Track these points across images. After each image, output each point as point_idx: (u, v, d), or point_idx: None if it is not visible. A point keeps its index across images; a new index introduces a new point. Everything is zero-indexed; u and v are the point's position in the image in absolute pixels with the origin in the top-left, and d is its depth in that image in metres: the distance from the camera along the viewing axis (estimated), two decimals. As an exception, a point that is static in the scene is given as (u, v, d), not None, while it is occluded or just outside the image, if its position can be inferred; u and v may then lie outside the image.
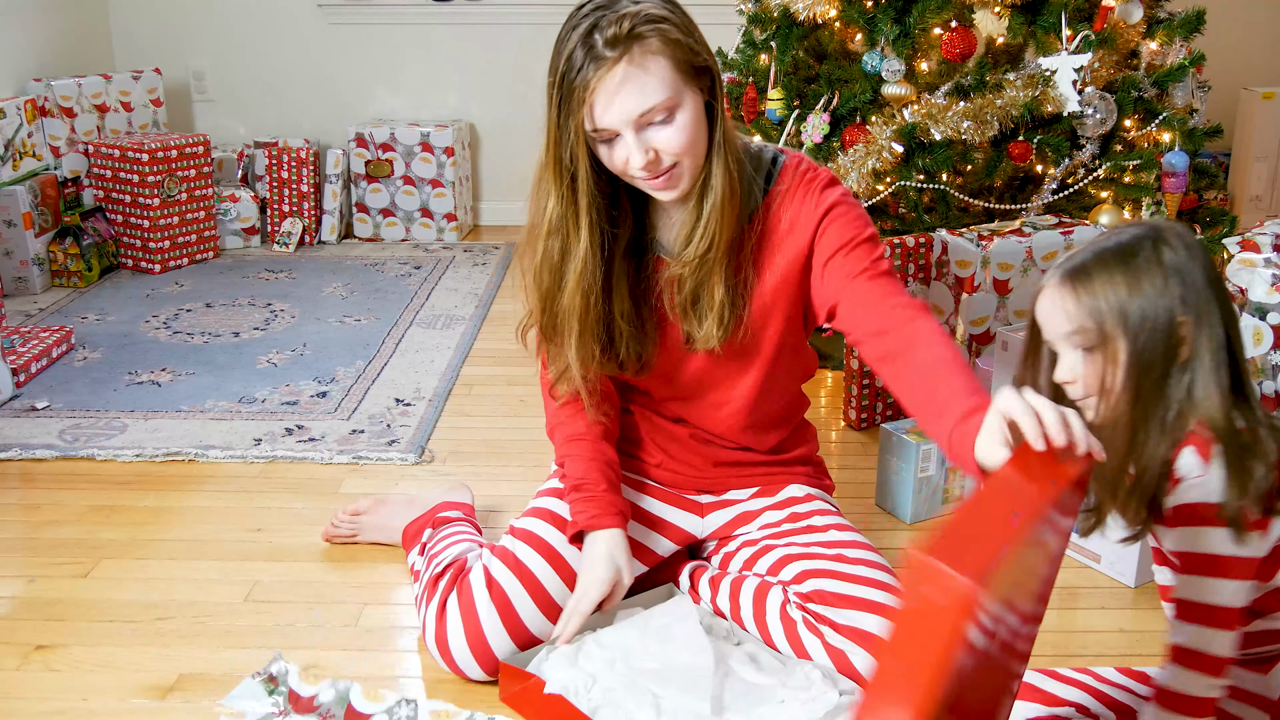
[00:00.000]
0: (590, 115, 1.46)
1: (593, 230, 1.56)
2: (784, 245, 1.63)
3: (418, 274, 3.97)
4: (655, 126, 1.47)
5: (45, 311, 3.52)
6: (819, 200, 1.61)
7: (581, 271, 1.57)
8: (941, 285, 2.46)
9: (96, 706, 1.66)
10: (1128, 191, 2.87)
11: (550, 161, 1.53)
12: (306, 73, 4.62)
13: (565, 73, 1.46)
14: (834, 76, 2.90)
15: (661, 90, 1.45)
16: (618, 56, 1.42)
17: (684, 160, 1.51)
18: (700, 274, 1.59)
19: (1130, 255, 1.33)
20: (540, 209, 1.58)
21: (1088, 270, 1.34)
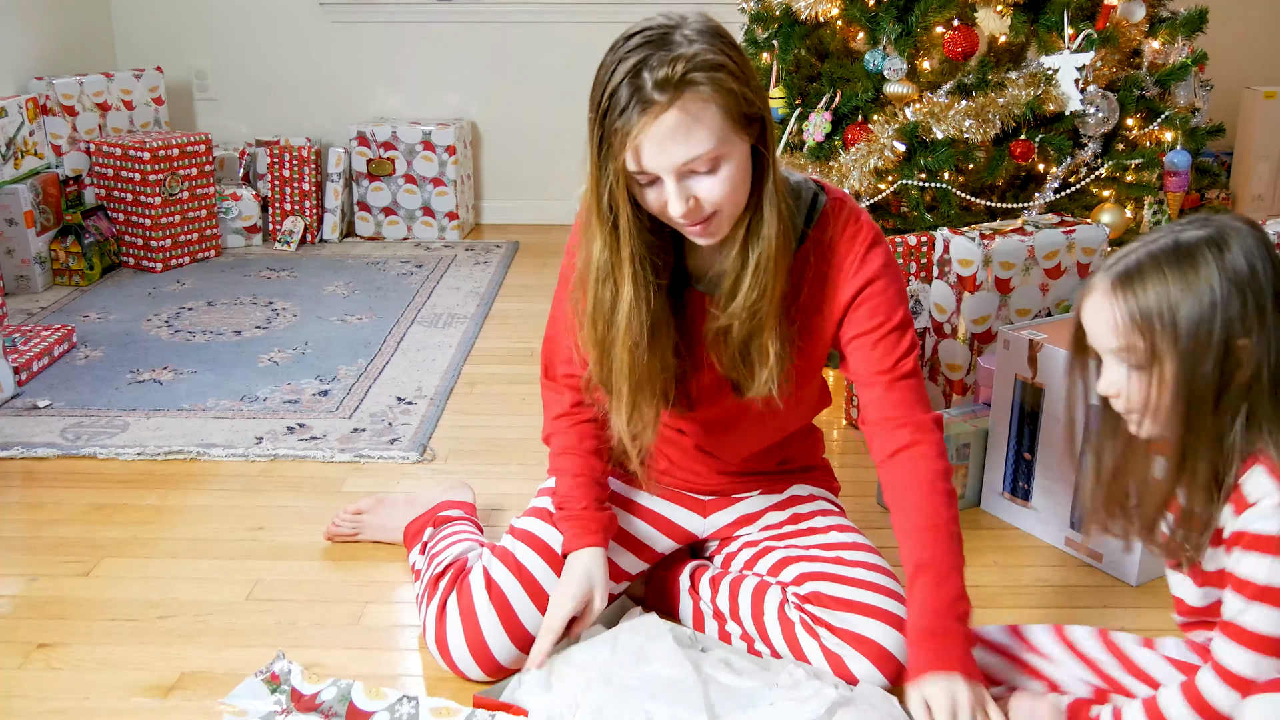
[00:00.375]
0: (634, 158, 1.37)
1: (636, 282, 1.47)
2: (822, 296, 1.58)
3: (419, 272, 3.97)
4: (698, 176, 1.39)
5: (47, 310, 3.52)
6: (861, 265, 1.56)
7: (628, 326, 1.49)
8: (943, 284, 2.46)
9: (98, 705, 1.66)
10: (1130, 190, 2.87)
11: (594, 204, 1.44)
12: (308, 71, 4.62)
13: (608, 111, 1.36)
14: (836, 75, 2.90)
15: (709, 140, 1.36)
16: (667, 103, 1.33)
17: (725, 209, 1.43)
18: (751, 325, 1.51)
19: (1188, 260, 1.24)
20: (588, 251, 1.50)
21: (1140, 276, 1.26)
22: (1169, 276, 1.25)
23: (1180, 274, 1.24)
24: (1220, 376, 1.24)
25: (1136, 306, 1.26)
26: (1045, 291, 2.46)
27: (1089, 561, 2.03)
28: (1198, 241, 1.25)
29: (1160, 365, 1.26)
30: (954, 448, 2.19)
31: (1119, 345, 1.29)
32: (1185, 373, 1.25)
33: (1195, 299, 1.23)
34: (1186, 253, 1.25)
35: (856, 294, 1.56)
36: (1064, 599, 1.94)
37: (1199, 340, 1.23)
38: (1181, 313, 1.24)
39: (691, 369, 1.62)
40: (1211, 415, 1.26)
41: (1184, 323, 1.24)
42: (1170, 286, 1.24)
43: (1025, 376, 2.10)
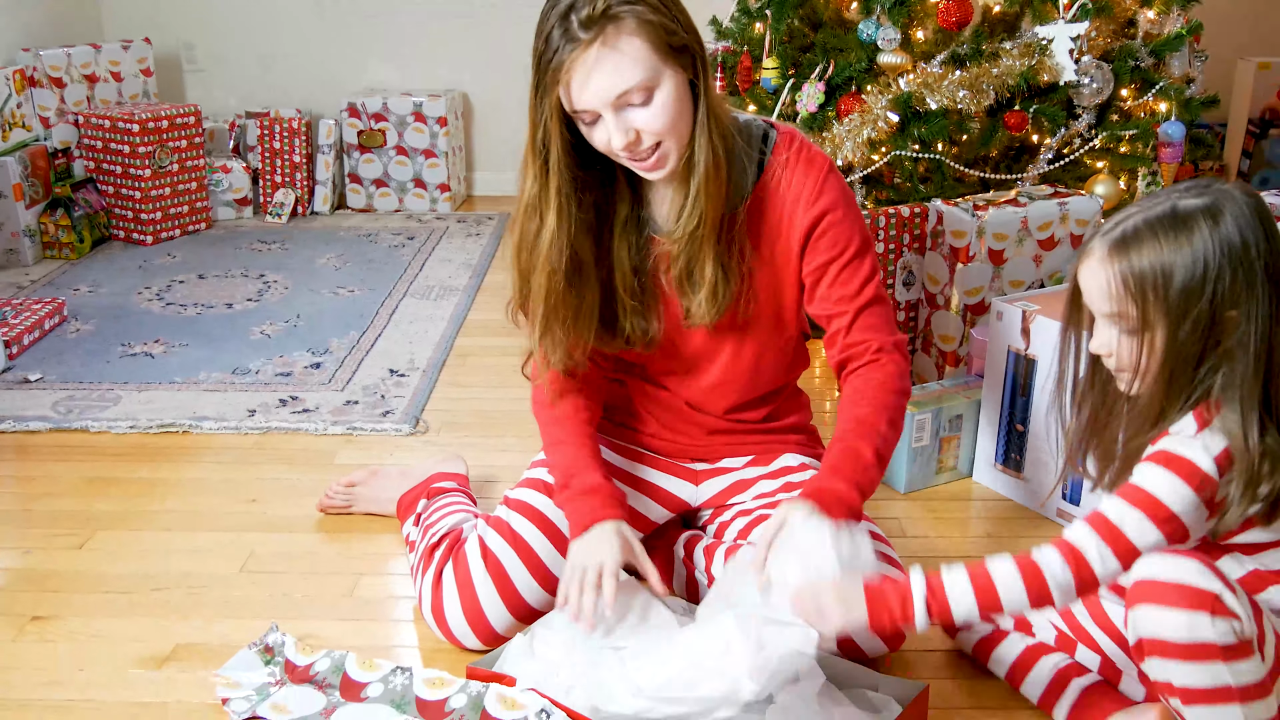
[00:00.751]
0: (568, 96, 1.46)
1: (560, 214, 1.55)
2: (780, 226, 1.63)
3: (411, 245, 3.95)
4: (634, 108, 1.46)
5: (37, 283, 3.51)
6: (818, 192, 1.61)
7: (548, 254, 1.56)
8: (936, 255, 2.46)
9: (93, 677, 1.66)
10: (1124, 161, 2.86)
11: (530, 141, 1.54)
12: (298, 42, 4.59)
13: (542, 52, 1.45)
14: (829, 45, 2.88)
15: (637, 71, 1.44)
16: (592, 38, 1.41)
17: (667, 140, 1.50)
18: (691, 249, 1.58)
19: (1183, 229, 1.26)
20: (521, 188, 1.59)
21: (1136, 243, 1.28)
22: (1163, 244, 1.26)
23: (1175, 242, 1.26)
24: (1205, 344, 1.27)
25: (1130, 273, 1.28)
26: (1039, 263, 2.45)
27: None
28: (1194, 210, 1.26)
29: (1151, 331, 1.29)
30: (946, 419, 2.19)
31: (1112, 310, 1.31)
32: (1173, 340, 1.28)
33: (1188, 268, 1.25)
34: (1182, 221, 1.26)
35: (815, 222, 1.61)
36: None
37: (1189, 309, 1.26)
38: (1174, 281, 1.26)
39: (652, 309, 1.67)
40: (1190, 377, 1.29)
41: (1175, 291, 1.26)
42: (1164, 254, 1.26)
43: (1018, 348, 2.10)
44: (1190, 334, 1.26)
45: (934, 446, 2.20)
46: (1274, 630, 1.28)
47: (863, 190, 2.77)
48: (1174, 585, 1.23)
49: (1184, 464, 1.28)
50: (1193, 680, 1.25)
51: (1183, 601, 1.23)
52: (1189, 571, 1.24)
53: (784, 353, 1.78)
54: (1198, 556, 1.25)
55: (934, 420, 2.18)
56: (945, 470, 2.24)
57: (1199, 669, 1.24)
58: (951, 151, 2.77)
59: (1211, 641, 1.22)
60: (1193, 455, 1.28)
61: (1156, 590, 1.24)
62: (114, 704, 1.61)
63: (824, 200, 1.61)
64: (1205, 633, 1.22)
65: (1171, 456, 1.29)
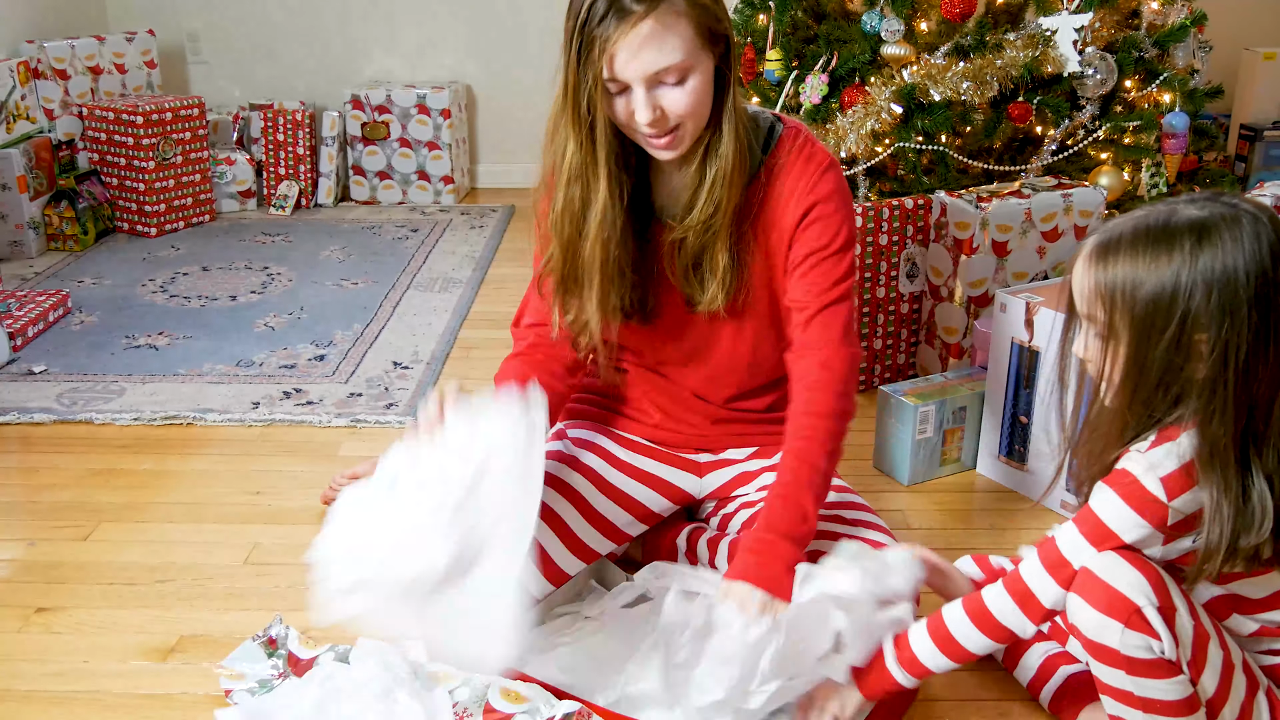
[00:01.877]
0: (609, 66, 1.45)
1: (610, 180, 1.55)
2: (776, 216, 1.64)
3: (415, 237, 3.95)
4: (666, 86, 1.47)
5: (41, 275, 3.51)
6: (814, 184, 1.62)
7: (602, 221, 1.56)
8: (940, 247, 2.46)
9: (97, 668, 1.67)
10: (1128, 153, 2.86)
11: (569, 108, 1.52)
12: (301, 34, 4.58)
13: (586, 20, 1.44)
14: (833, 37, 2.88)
15: (679, 51, 1.45)
16: (644, 12, 1.42)
17: (687, 123, 1.51)
18: (704, 238, 1.59)
19: (1165, 243, 1.22)
20: (559, 155, 1.57)
21: (1116, 250, 1.25)
22: (1141, 255, 1.23)
23: (1153, 255, 1.22)
24: (1168, 365, 1.23)
25: (1104, 278, 1.26)
26: (1042, 254, 2.45)
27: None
28: (1183, 224, 1.22)
29: (1116, 340, 1.26)
30: (950, 411, 2.19)
31: (1086, 311, 1.30)
32: (1136, 353, 1.25)
33: (1158, 284, 1.21)
34: (1167, 234, 1.22)
35: (806, 212, 1.62)
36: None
37: (1154, 325, 1.22)
38: (1141, 294, 1.22)
39: (652, 291, 1.67)
40: (1150, 395, 1.26)
41: (1141, 305, 1.22)
42: (1138, 267, 1.23)
43: (1022, 340, 2.10)
44: (1154, 350, 1.23)
45: (938, 438, 2.20)
46: (1222, 661, 1.28)
47: (866, 182, 2.77)
48: (1102, 585, 1.25)
49: (1129, 485, 1.27)
50: (1099, 674, 1.28)
51: (1101, 603, 1.24)
52: (1123, 578, 1.24)
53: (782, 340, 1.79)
54: (1145, 569, 1.25)
55: (937, 412, 2.18)
56: (949, 462, 2.24)
57: (1103, 668, 1.27)
58: (955, 143, 2.77)
59: (1115, 649, 1.24)
60: (1139, 474, 1.26)
61: (1088, 582, 1.26)
62: (118, 695, 1.61)
63: (817, 192, 1.62)
64: (1111, 639, 1.24)
65: (1120, 475, 1.28)
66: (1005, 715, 1.56)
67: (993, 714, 1.56)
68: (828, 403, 1.60)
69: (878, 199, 2.66)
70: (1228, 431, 1.22)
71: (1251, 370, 1.20)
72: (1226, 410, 1.21)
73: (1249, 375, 1.20)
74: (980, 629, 1.35)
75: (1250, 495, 1.23)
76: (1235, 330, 1.19)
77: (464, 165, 4.59)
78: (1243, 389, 1.21)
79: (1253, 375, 1.20)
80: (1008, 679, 1.61)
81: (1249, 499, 1.23)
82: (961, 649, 1.36)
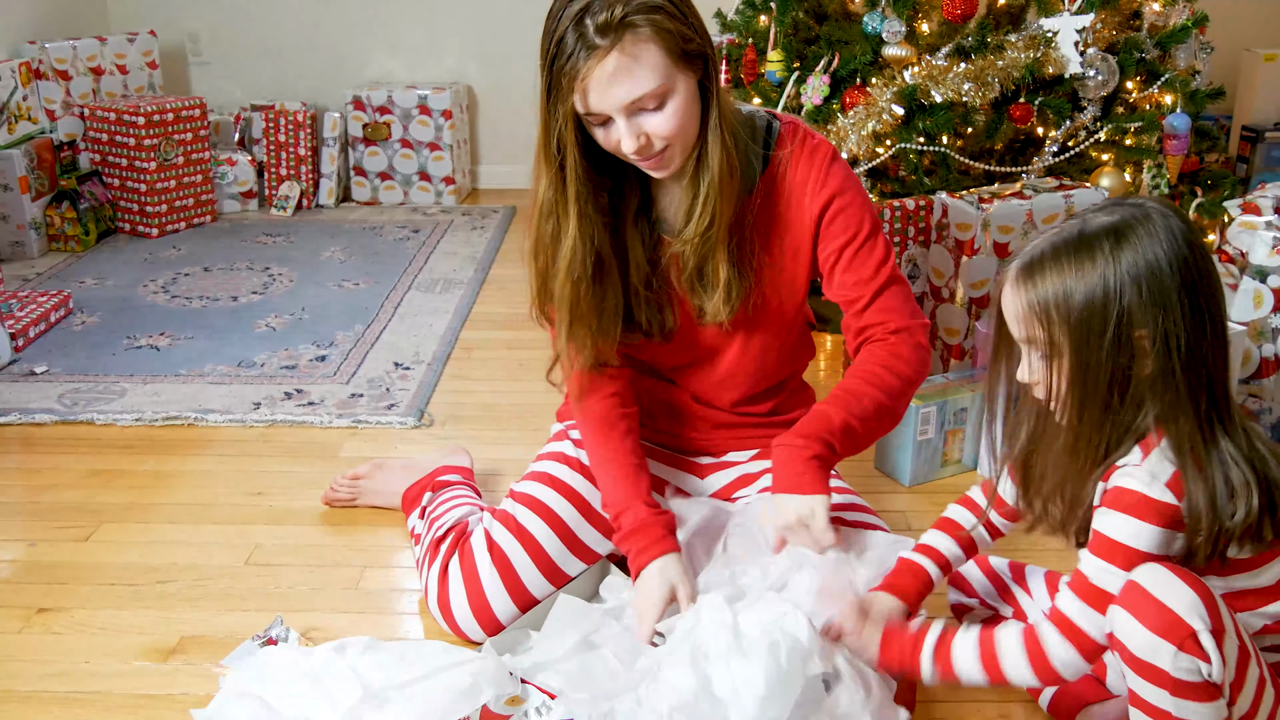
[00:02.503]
0: (582, 100, 1.44)
1: (581, 220, 1.54)
2: (788, 217, 1.62)
3: (416, 237, 3.95)
4: (647, 113, 1.46)
5: (43, 276, 3.51)
6: (825, 177, 1.61)
7: (570, 261, 1.55)
8: (941, 248, 2.46)
9: (98, 669, 1.67)
10: (1129, 154, 2.86)
11: (541, 145, 1.51)
12: (303, 35, 4.59)
13: (555, 57, 1.42)
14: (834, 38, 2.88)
15: (653, 79, 1.42)
16: (609, 46, 1.39)
17: (675, 143, 1.49)
18: (703, 250, 1.58)
19: (1085, 250, 1.24)
20: (535, 189, 1.56)
21: (1041, 267, 1.27)
22: (1066, 268, 1.25)
23: (1077, 264, 1.24)
24: (1115, 367, 1.24)
25: (1035, 297, 1.27)
26: (1043, 255, 2.45)
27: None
28: (1098, 230, 1.25)
29: (1059, 355, 1.27)
30: (951, 412, 2.19)
31: (1024, 335, 1.31)
32: (1079, 362, 1.26)
33: (1089, 289, 1.23)
34: (1085, 243, 1.25)
35: (825, 207, 1.61)
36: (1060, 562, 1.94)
37: (1092, 330, 1.24)
38: (1074, 302, 1.24)
39: (666, 303, 1.66)
40: (1104, 405, 1.26)
41: (1076, 313, 1.24)
42: (1066, 278, 1.25)
43: (1023, 340, 2.09)
44: (1097, 355, 1.24)
45: (939, 440, 2.20)
46: (1259, 677, 1.27)
47: (868, 183, 2.77)
48: (1156, 604, 1.22)
49: (1137, 501, 1.26)
50: (1139, 689, 1.25)
51: (1156, 624, 1.21)
52: (1180, 598, 1.21)
53: (791, 344, 1.79)
54: (1197, 586, 1.22)
55: (939, 414, 2.17)
56: (950, 463, 2.24)
57: (1145, 685, 1.24)
58: (956, 144, 2.77)
59: (1164, 670, 1.21)
60: (1143, 488, 1.25)
61: (1140, 600, 1.23)
62: (119, 695, 1.61)
63: (830, 185, 1.61)
64: (1163, 661, 1.21)
65: (1122, 494, 1.27)
66: (1005, 716, 1.56)
67: (993, 715, 1.56)
68: (890, 361, 1.61)
69: (879, 200, 2.66)
70: (1189, 419, 1.24)
71: (1196, 354, 1.23)
72: (1182, 399, 1.24)
73: (1195, 360, 1.23)
74: (1033, 665, 1.32)
75: (1229, 475, 1.24)
76: (1171, 319, 1.22)
77: (465, 166, 4.59)
78: (1192, 374, 1.24)
79: (1199, 359, 1.24)
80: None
81: (1228, 479, 1.24)
82: (1002, 675, 1.34)
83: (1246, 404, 2.18)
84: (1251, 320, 2.14)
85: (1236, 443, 1.26)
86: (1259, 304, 2.14)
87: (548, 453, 1.82)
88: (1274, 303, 2.12)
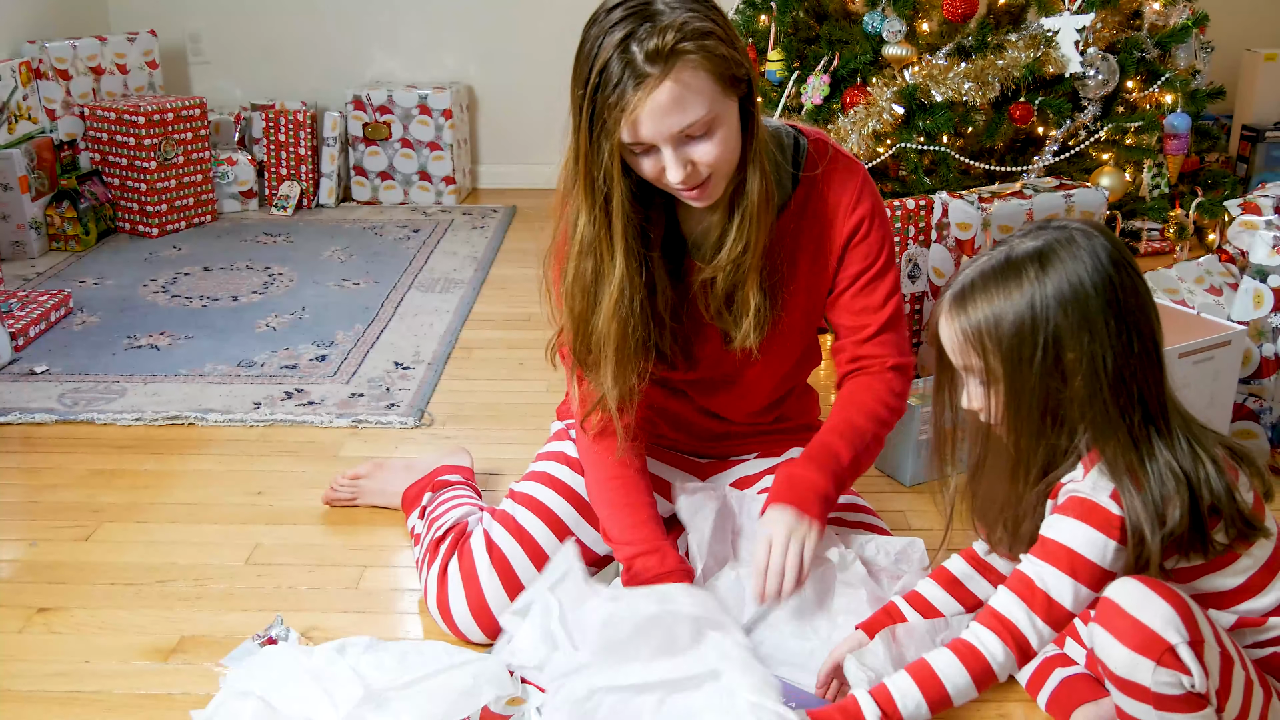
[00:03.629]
0: (631, 131, 1.37)
1: (629, 255, 1.47)
2: (821, 237, 1.61)
3: (416, 237, 3.95)
4: (694, 141, 1.40)
5: (43, 275, 3.51)
6: (858, 197, 1.60)
7: (618, 299, 1.48)
8: (941, 247, 2.46)
9: (99, 668, 1.67)
10: (1129, 153, 2.86)
11: (581, 178, 1.43)
12: (303, 34, 4.58)
13: (598, 87, 1.35)
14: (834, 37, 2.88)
15: (703, 107, 1.37)
16: (661, 74, 1.33)
17: (719, 171, 1.44)
18: (735, 277, 1.54)
19: (1012, 276, 1.27)
20: (570, 225, 1.49)
21: (971, 296, 1.29)
22: (994, 294, 1.27)
23: (1005, 290, 1.27)
24: (1046, 390, 1.27)
25: (968, 325, 1.29)
26: (1044, 255, 2.45)
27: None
28: (1023, 256, 1.28)
29: (995, 380, 1.30)
30: (951, 411, 2.19)
31: (961, 363, 1.33)
32: (1012, 385, 1.28)
33: (1017, 314, 1.26)
34: (1011, 269, 1.27)
35: (853, 232, 1.60)
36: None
37: (1023, 355, 1.26)
38: (1004, 327, 1.26)
39: (692, 331, 1.63)
40: (1039, 425, 1.29)
41: (1007, 338, 1.27)
42: (995, 304, 1.27)
43: (1023, 340, 2.09)
44: (1029, 378, 1.26)
45: (938, 439, 2.20)
46: (1245, 679, 1.27)
47: (868, 183, 2.77)
48: (1132, 621, 1.22)
49: (1089, 509, 1.27)
50: (1125, 706, 1.26)
51: (1133, 641, 1.22)
52: (1155, 614, 1.21)
53: (805, 355, 1.78)
54: (1172, 599, 1.22)
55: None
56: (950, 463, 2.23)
57: (1130, 701, 1.25)
58: (957, 144, 2.77)
59: (1146, 686, 1.22)
60: (1094, 497, 1.27)
61: (1115, 617, 1.23)
62: (120, 695, 1.61)
63: (862, 208, 1.59)
64: (1143, 677, 1.22)
65: (1075, 502, 1.29)
66: (1004, 716, 1.56)
67: (992, 714, 1.56)
68: (886, 398, 1.64)
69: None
70: (1122, 437, 1.26)
71: (1125, 373, 1.25)
72: (1112, 418, 1.26)
73: (1123, 379, 1.25)
74: (970, 671, 1.32)
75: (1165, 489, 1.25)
76: (1097, 342, 1.24)
77: (465, 166, 4.59)
78: (1122, 393, 1.26)
79: (1128, 377, 1.25)
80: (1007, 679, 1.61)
81: (1163, 486, 1.25)
82: (945, 694, 1.33)
83: (1247, 404, 2.18)
84: (1252, 320, 2.14)
85: (1175, 453, 1.27)
86: (1259, 304, 2.14)
87: (547, 453, 1.82)
88: (1274, 302, 2.12)
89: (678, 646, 1.42)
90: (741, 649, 1.42)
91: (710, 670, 1.39)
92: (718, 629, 1.44)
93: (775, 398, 1.79)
